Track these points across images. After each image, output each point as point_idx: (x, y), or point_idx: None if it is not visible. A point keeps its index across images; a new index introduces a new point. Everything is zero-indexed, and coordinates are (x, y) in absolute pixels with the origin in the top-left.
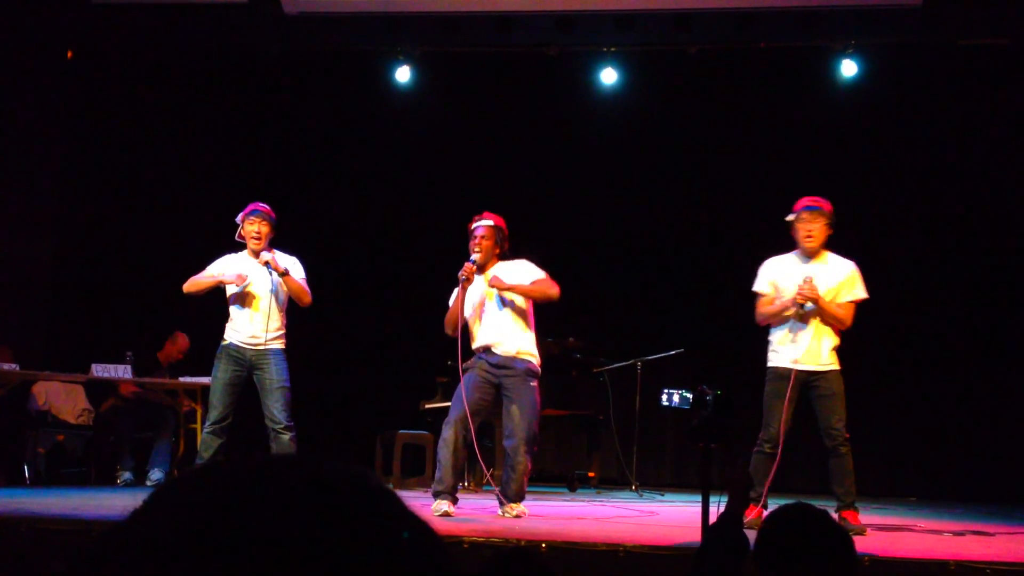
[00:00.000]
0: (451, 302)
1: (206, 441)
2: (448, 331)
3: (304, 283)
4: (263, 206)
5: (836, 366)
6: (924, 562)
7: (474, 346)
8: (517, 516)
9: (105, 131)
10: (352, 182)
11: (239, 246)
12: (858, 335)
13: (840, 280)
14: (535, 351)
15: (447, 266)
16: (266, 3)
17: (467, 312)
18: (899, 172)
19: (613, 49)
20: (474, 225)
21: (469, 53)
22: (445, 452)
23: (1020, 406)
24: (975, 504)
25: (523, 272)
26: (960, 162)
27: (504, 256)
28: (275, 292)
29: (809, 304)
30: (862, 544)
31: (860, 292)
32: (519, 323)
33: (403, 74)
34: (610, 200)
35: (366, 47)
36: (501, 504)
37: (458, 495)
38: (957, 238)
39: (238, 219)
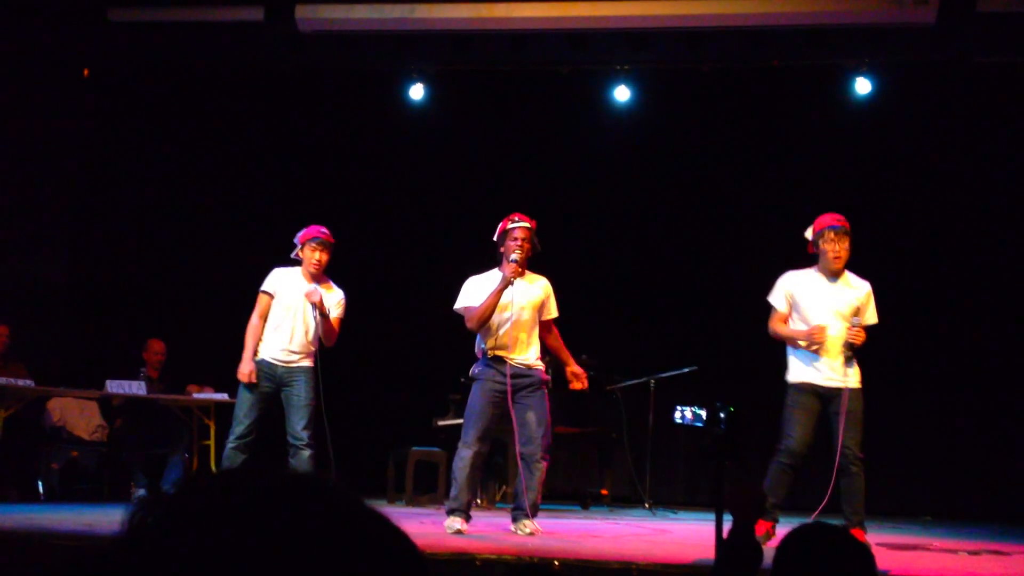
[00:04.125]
0: (473, 299)
1: (229, 456)
2: (472, 326)
3: (338, 325)
4: (324, 232)
5: (858, 385)
6: None
7: (489, 346)
8: (531, 534)
9: (121, 149)
10: (366, 199)
11: (287, 260)
12: (873, 352)
13: (862, 301)
14: (541, 361)
15: (459, 282)
16: (281, 22)
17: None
18: (913, 190)
19: (626, 67)
20: (511, 225)
21: (482, 71)
22: (461, 470)
23: None
24: (990, 523)
25: (548, 292)
26: (974, 180)
27: (534, 253)
28: (314, 314)
29: (831, 328)
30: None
31: (873, 318)
32: (535, 332)
33: (417, 92)
34: (623, 218)
35: (380, 65)
36: (515, 520)
37: (471, 512)
38: (972, 256)
39: (298, 240)
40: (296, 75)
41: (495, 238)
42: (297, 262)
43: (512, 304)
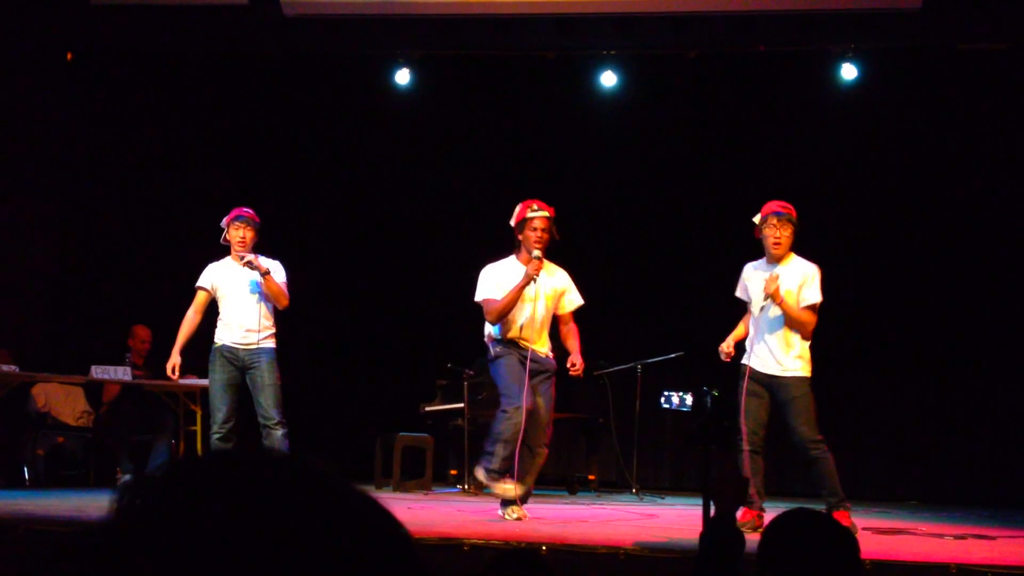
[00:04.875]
0: (494, 291)
1: (216, 446)
2: (491, 320)
3: (284, 287)
4: (248, 211)
5: (800, 372)
6: (926, 565)
7: (506, 336)
8: (519, 519)
9: (105, 133)
10: (351, 185)
11: (225, 251)
12: (858, 338)
13: (799, 282)
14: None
15: (446, 268)
16: (266, 5)
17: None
18: (898, 175)
19: (612, 53)
20: (531, 214)
21: (468, 56)
22: (512, 428)
23: (1021, 409)
24: (976, 508)
25: (567, 284)
26: (959, 165)
27: (552, 242)
28: (264, 293)
29: (771, 305)
30: (863, 548)
31: (815, 296)
32: (550, 322)
33: (402, 77)
34: (609, 203)
35: (366, 50)
36: (504, 505)
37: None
38: (956, 241)
39: (223, 223)
40: (281, 60)
41: (512, 223)
42: (227, 250)
43: (532, 296)
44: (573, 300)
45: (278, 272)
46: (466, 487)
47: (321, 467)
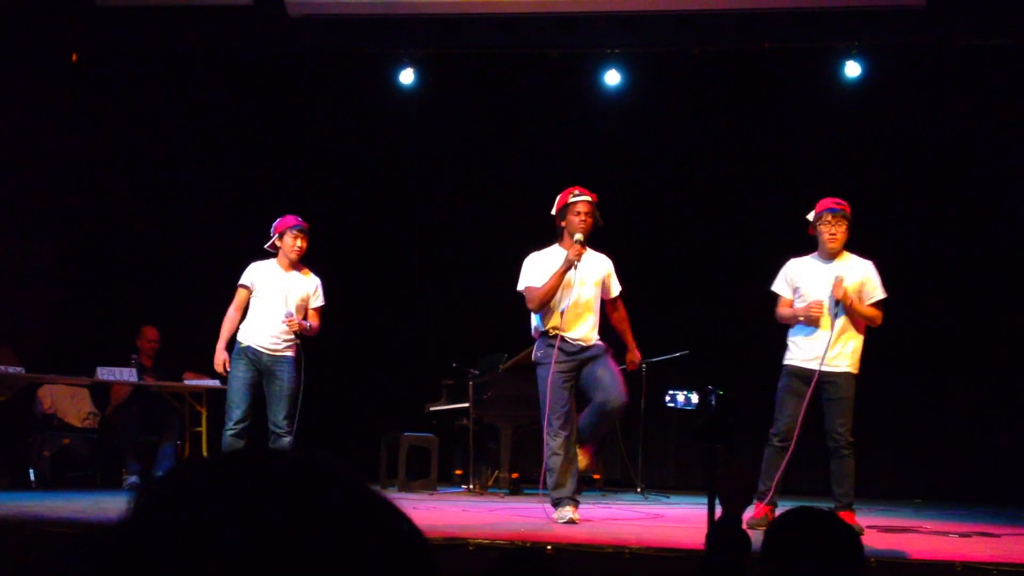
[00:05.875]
0: (535, 279)
1: (229, 443)
2: (533, 307)
3: (319, 314)
4: (302, 221)
5: (853, 370)
6: (931, 563)
7: (549, 325)
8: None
9: (110, 133)
10: (356, 184)
11: (262, 252)
12: (867, 334)
13: (862, 278)
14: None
15: (451, 267)
16: (270, 5)
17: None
18: (903, 172)
19: (616, 51)
20: (573, 199)
21: (472, 55)
22: (554, 459)
23: None
24: (981, 505)
25: (609, 270)
26: (964, 162)
27: (596, 228)
28: (298, 305)
29: (837, 308)
30: (868, 546)
31: (880, 292)
32: (596, 310)
33: (407, 76)
34: (613, 201)
35: (370, 49)
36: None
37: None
38: (961, 238)
39: (274, 229)
40: (285, 59)
41: (553, 212)
42: (271, 253)
43: (574, 282)
44: (616, 286)
45: (315, 299)
46: (471, 487)
47: (335, 467)
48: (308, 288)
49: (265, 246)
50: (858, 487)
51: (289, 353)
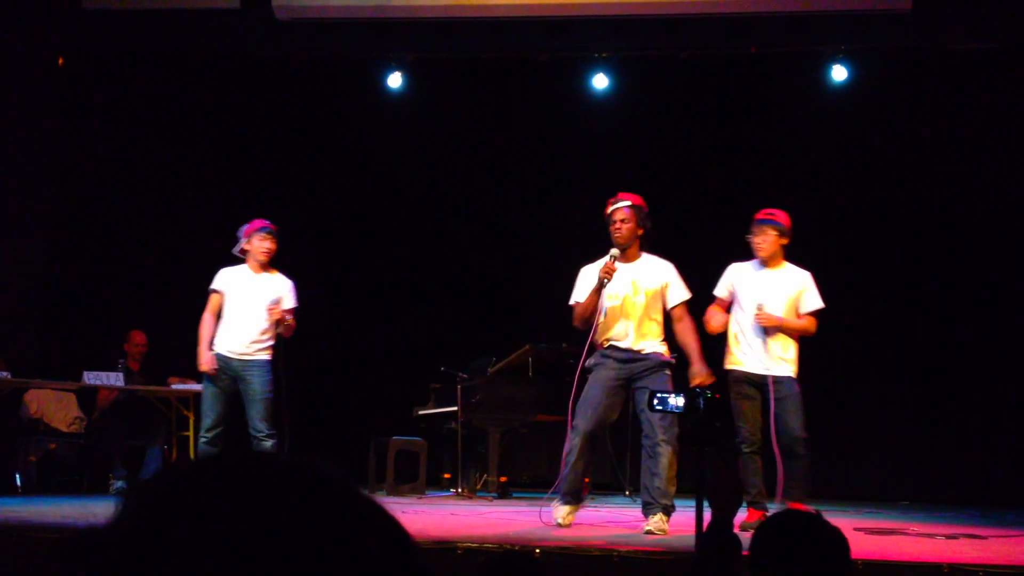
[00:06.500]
0: (581, 293)
1: (203, 451)
2: (576, 325)
3: (293, 315)
4: (270, 223)
5: (791, 372)
6: (917, 565)
7: (600, 339)
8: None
9: (97, 137)
10: (344, 188)
11: (232, 258)
12: (849, 339)
13: (797, 290)
14: (664, 344)
15: (439, 271)
16: (258, 9)
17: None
18: (890, 176)
19: (604, 55)
20: (611, 208)
21: (461, 59)
22: (573, 459)
23: (1012, 409)
24: (968, 507)
25: (668, 278)
26: (951, 165)
27: (646, 236)
28: (269, 309)
29: (766, 309)
30: (855, 548)
31: (817, 302)
32: (655, 319)
33: (395, 80)
34: (601, 205)
35: (358, 53)
36: (647, 514)
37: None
38: (948, 241)
39: (241, 233)
40: (273, 63)
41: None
42: (240, 259)
43: (620, 294)
44: (677, 295)
45: (289, 297)
46: (459, 491)
47: (324, 470)
48: (281, 290)
49: (233, 251)
50: (845, 489)
51: (261, 356)
